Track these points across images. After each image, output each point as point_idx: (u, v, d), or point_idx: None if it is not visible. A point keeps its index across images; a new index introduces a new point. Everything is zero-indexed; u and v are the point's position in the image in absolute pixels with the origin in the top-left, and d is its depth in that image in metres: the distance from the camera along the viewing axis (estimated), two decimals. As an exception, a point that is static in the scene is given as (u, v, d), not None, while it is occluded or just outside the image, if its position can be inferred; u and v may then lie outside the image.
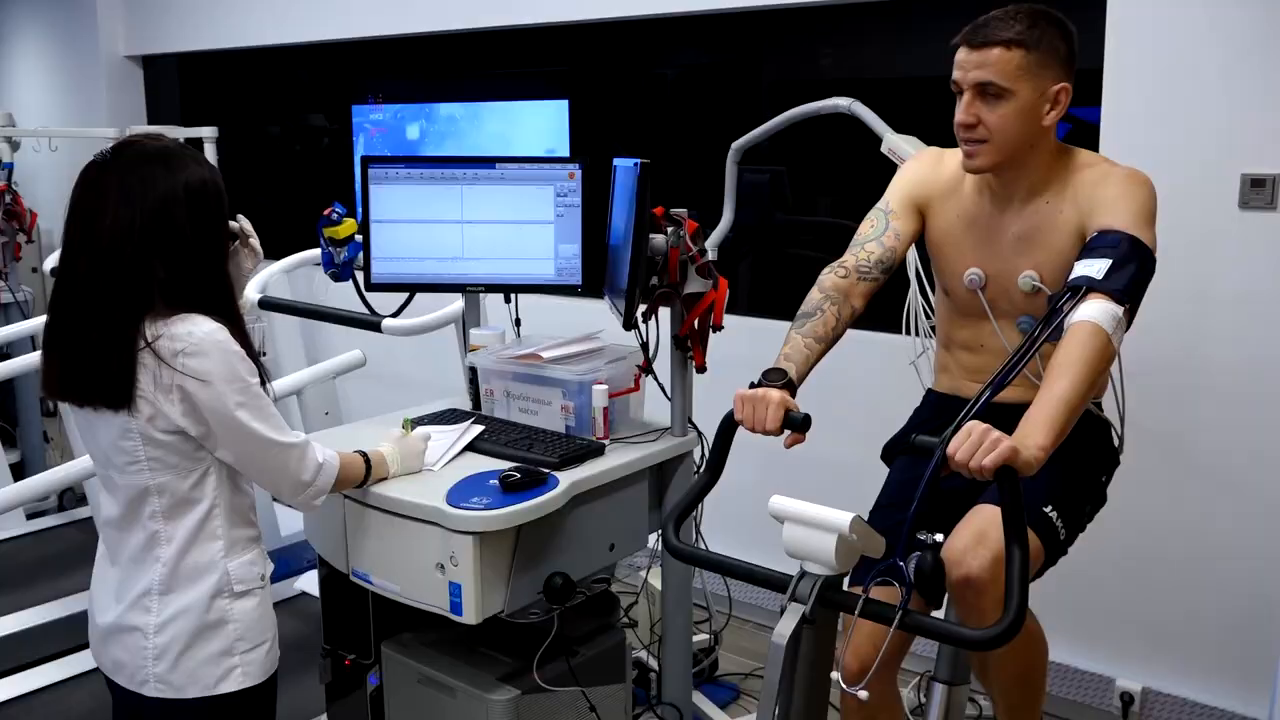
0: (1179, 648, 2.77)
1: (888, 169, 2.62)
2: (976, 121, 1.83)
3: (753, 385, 1.77)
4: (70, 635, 3.23)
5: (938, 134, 2.27)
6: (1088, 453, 2.00)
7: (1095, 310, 1.62)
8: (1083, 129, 2.80)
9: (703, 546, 2.20)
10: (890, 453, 2.18)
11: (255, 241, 1.88)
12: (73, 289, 1.64)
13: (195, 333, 1.60)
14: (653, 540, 2.50)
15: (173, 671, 1.66)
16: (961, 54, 1.84)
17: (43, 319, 3.95)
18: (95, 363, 1.60)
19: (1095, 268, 1.66)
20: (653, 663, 2.88)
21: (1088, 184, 1.84)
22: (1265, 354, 2.57)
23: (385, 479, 2.06)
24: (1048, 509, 1.85)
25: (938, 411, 2.09)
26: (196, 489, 1.67)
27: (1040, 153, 1.88)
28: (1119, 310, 1.63)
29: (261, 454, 1.69)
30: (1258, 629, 2.63)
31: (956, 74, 1.85)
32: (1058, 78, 1.83)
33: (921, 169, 2.08)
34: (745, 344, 2.67)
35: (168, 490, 1.66)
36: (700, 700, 2.86)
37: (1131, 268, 1.65)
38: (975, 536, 1.79)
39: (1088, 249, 1.71)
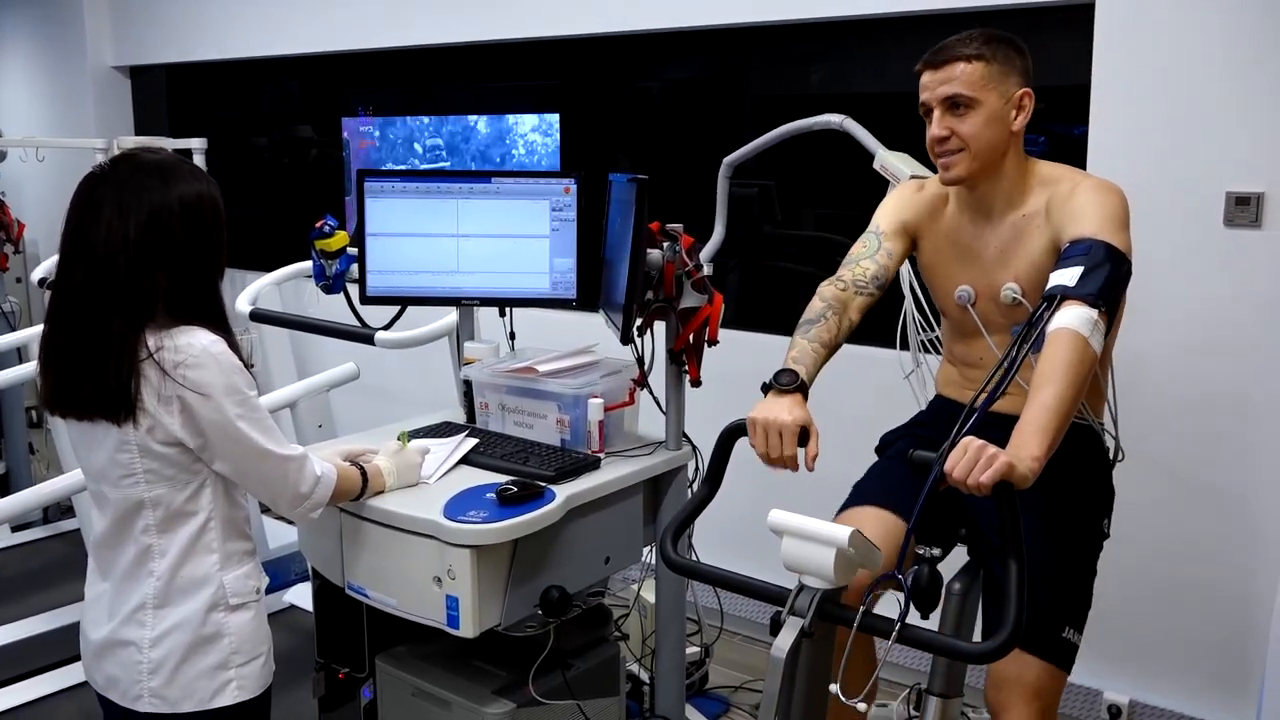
0: (1166, 660, 2.79)
1: (873, 183, 2.65)
2: (950, 134, 1.91)
3: (765, 387, 1.80)
4: (57, 649, 3.21)
5: (924, 150, 2.29)
6: (1092, 511, 2.02)
7: (1071, 317, 1.65)
8: (1070, 145, 2.84)
9: (694, 559, 2.21)
10: (885, 448, 2.21)
11: None
12: (69, 301, 1.63)
13: (194, 345, 1.61)
14: (645, 553, 2.50)
15: (168, 686, 1.66)
16: (926, 76, 1.94)
17: (30, 330, 3.92)
18: (94, 375, 1.59)
19: (1068, 276, 1.69)
20: (644, 675, 2.88)
21: (1059, 198, 1.88)
22: (1251, 370, 2.60)
23: (381, 492, 2.06)
24: (1066, 633, 1.87)
25: (945, 416, 2.11)
26: (192, 501, 1.67)
27: (1012, 162, 1.94)
28: (1094, 314, 1.65)
29: (259, 466, 1.69)
30: (1243, 641, 2.66)
31: (924, 95, 1.94)
32: (1019, 84, 1.91)
33: (904, 195, 2.15)
34: (736, 358, 2.69)
35: (163, 503, 1.65)
36: (691, 713, 2.87)
37: (1103, 271, 1.68)
38: (1004, 683, 1.83)
39: (1061, 260, 1.75)
